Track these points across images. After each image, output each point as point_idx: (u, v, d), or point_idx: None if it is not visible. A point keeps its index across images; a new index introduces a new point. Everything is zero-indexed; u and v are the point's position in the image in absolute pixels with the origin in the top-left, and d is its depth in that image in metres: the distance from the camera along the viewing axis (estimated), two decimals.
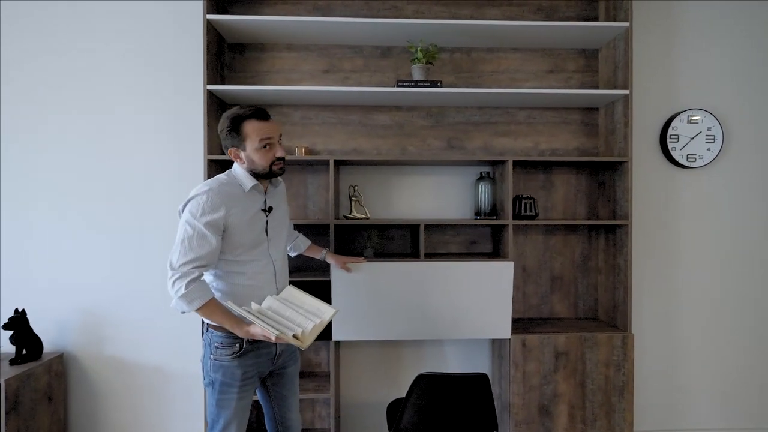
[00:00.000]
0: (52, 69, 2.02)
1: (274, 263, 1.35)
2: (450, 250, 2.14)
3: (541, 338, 1.86)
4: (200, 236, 1.20)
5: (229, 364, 1.27)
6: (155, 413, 2.08)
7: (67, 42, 2.02)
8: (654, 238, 2.17)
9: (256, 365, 1.32)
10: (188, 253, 1.19)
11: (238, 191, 1.28)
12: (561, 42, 2.06)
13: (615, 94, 1.91)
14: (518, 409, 1.86)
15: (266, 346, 1.32)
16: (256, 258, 1.30)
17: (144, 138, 2.05)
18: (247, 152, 1.27)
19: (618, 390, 1.88)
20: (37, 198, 2.03)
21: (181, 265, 1.18)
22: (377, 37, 1.99)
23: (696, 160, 2.14)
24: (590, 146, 2.14)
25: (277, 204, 1.40)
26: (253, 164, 1.29)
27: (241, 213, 1.26)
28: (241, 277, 1.29)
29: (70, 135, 2.04)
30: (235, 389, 1.28)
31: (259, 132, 1.26)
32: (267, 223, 1.34)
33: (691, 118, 2.13)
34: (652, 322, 2.18)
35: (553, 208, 2.15)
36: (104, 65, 2.03)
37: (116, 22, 2.03)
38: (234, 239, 1.26)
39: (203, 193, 1.23)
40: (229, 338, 1.28)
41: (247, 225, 1.28)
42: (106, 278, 2.05)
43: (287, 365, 1.43)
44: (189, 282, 1.17)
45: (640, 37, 2.13)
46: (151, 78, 2.04)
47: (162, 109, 2.05)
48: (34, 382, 1.87)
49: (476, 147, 2.12)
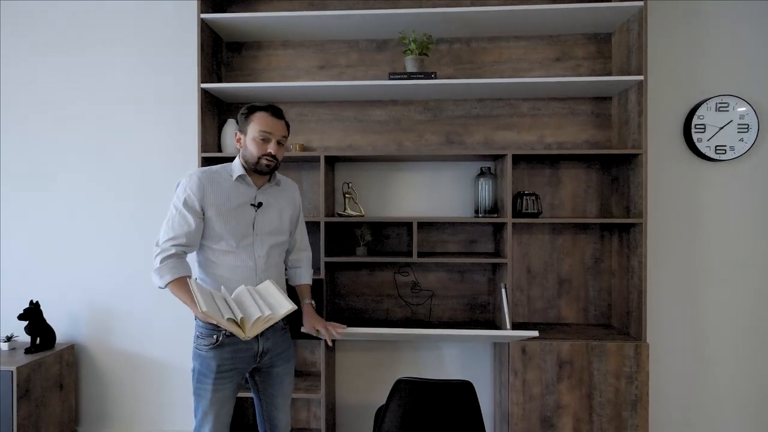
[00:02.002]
0: (52, 68, 2.12)
1: (257, 260, 1.33)
2: (449, 249, 2.05)
3: (542, 345, 1.74)
4: (180, 216, 1.27)
5: (205, 354, 1.30)
6: (159, 403, 2.13)
7: (65, 41, 2.11)
8: (676, 238, 1.97)
9: (233, 359, 1.31)
10: (169, 231, 1.27)
11: (225, 179, 1.33)
12: (569, 27, 1.92)
13: (628, 80, 1.75)
14: (518, 420, 1.75)
15: (246, 342, 1.30)
16: (235, 251, 1.31)
17: (145, 137, 2.11)
18: (246, 138, 1.32)
19: (630, 404, 1.72)
20: (50, 197, 2.15)
21: (162, 242, 1.27)
22: (373, 30, 1.94)
23: (726, 152, 1.92)
24: (602, 139, 1.98)
25: (274, 204, 1.39)
26: (246, 151, 1.32)
27: (222, 200, 1.29)
28: (218, 268, 1.32)
29: (77, 133, 2.13)
30: (210, 380, 1.29)
31: (263, 124, 1.30)
32: (255, 217, 1.34)
33: (720, 105, 1.91)
34: (671, 330, 1.98)
35: (561, 205, 2.00)
36: (103, 65, 2.11)
37: (114, 22, 2.10)
38: (215, 227, 1.29)
39: (193, 177, 1.30)
40: (208, 329, 1.30)
41: (228, 214, 1.30)
42: (113, 273, 2.13)
43: (275, 365, 1.40)
44: (165, 258, 1.24)
45: (659, 17, 1.94)
46: (150, 78, 2.10)
47: (161, 108, 2.10)
48: (46, 371, 1.97)
49: (476, 141, 2.02)
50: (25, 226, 2.16)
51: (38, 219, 2.15)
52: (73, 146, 2.14)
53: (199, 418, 1.32)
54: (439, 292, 2.04)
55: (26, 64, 2.13)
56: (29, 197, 2.15)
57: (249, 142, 1.31)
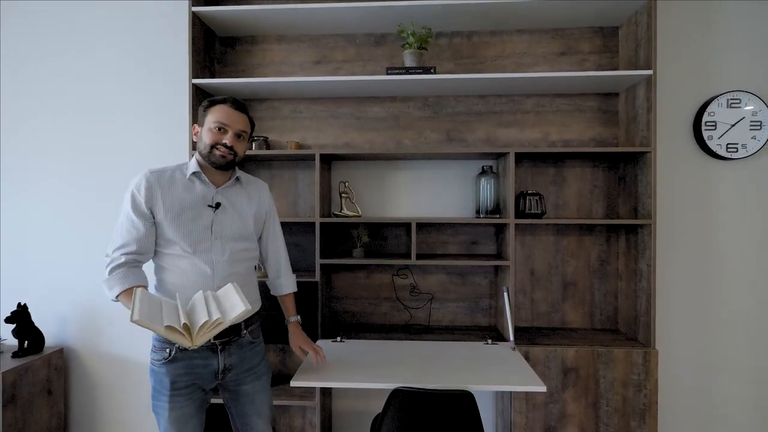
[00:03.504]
0: (44, 66, 2.06)
1: (215, 266, 1.20)
2: (449, 251, 1.98)
3: (546, 351, 1.66)
4: (128, 222, 1.18)
5: (158, 369, 1.20)
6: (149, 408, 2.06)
7: (52, 36, 2.05)
8: (685, 239, 1.89)
9: (189, 376, 1.19)
10: (118, 239, 1.17)
11: (178, 178, 1.22)
12: (574, 20, 1.84)
13: (636, 75, 1.67)
14: (521, 429, 1.68)
15: (203, 357, 1.20)
16: (190, 256, 1.18)
17: (136, 133, 2.05)
18: (202, 129, 1.23)
19: (639, 413, 1.64)
20: (37, 197, 2.09)
21: (112, 252, 1.17)
22: (370, 24, 1.88)
23: (738, 150, 1.84)
24: (608, 136, 1.91)
25: (236, 205, 1.26)
26: (200, 142, 1.22)
27: (172, 202, 1.18)
28: (168, 274, 1.20)
29: (63, 132, 2.07)
30: (165, 397, 1.18)
31: (220, 114, 1.21)
32: (213, 219, 1.21)
33: (731, 101, 1.84)
34: (681, 336, 1.90)
35: (565, 205, 1.93)
36: (95, 62, 2.05)
37: (106, 17, 2.04)
38: (166, 231, 1.18)
39: (141, 179, 1.20)
40: (161, 342, 1.20)
41: (180, 216, 1.18)
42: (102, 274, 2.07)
43: (243, 382, 1.27)
44: (113, 268, 1.14)
45: (669, 9, 1.87)
46: (141, 74, 2.04)
47: (152, 105, 2.04)
48: (33, 376, 1.91)
49: (478, 139, 1.95)
50: (11, 227, 2.10)
51: (25, 219, 2.09)
52: (59, 144, 2.07)
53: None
54: (439, 295, 1.97)
55: (11, 60, 2.08)
56: (16, 196, 2.09)
57: (204, 132, 1.21)
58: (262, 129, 2.01)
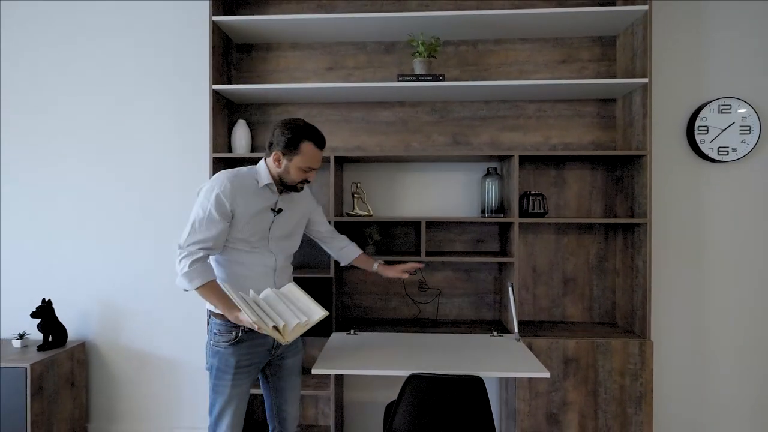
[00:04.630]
0: (62, 66, 2.14)
1: (276, 259, 1.38)
2: (455, 248, 2.08)
3: (549, 342, 1.77)
4: (209, 219, 1.27)
5: (224, 351, 1.33)
6: (168, 400, 2.16)
7: (76, 43, 2.14)
8: (679, 238, 2.00)
9: (251, 355, 1.35)
10: (196, 234, 1.26)
11: (252, 185, 1.35)
12: (574, 30, 1.95)
13: (633, 82, 1.78)
14: (524, 416, 1.78)
15: (261, 336, 1.34)
16: (256, 251, 1.35)
17: (155, 134, 2.14)
18: (290, 164, 1.35)
19: (635, 401, 1.75)
20: (60, 197, 2.17)
21: (188, 245, 1.26)
22: (381, 33, 1.97)
23: (728, 153, 1.95)
24: (606, 140, 2.01)
25: (292, 208, 1.43)
26: (286, 174, 1.36)
27: (248, 206, 1.32)
28: (240, 267, 1.35)
29: (87, 132, 2.16)
30: (229, 376, 1.32)
31: (311, 159, 1.35)
32: (273, 222, 1.38)
33: (722, 107, 1.95)
34: (675, 328, 2.01)
35: (566, 205, 2.04)
36: (114, 59, 2.13)
37: (126, 24, 2.13)
38: (238, 229, 1.31)
39: (225, 181, 1.30)
40: (226, 326, 1.33)
41: (251, 218, 1.33)
42: (123, 271, 2.16)
43: (285, 356, 1.44)
44: (193, 261, 1.24)
45: (663, 20, 1.98)
46: (161, 79, 2.13)
47: (172, 108, 2.13)
48: (58, 368, 1.99)
49: (483, 142, 2.05)
50: (36, 225, 2.18)
51: (49, 217, 2.18)
52: (83, 144, 2.16)
53: (215, 413, 1.34)
54: (446, 291, 2.07)
55: (34, 63, 2.16)
56: (40, 195, 2.18)
57: (293, 169, 1.34)
58: None
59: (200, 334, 2.13)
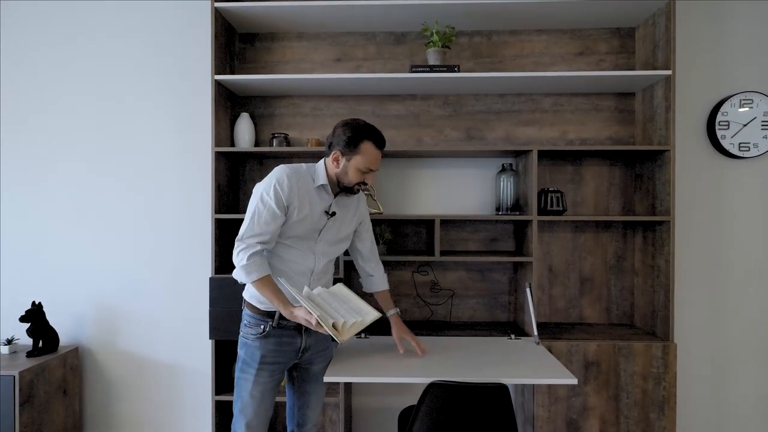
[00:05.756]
0: (55, 61, 2.03)
1: (316, 261, 1.34)
2: (468, 248, 2.00)
3: (569, 345, 1.70)
4: (270, 214, 1.25)
5: (251, 343, 1.32)
6: (166, 408, 2.06)
7: (71, 33, 2.02)
8: (698, 236, 1.94)
9: (277, 352, 1.32)
10: (255, 227, 1.25)
11: (310, 184, 1.32)
12: (592, 20, 1.88)
13: (655, 75, 1.71)
14: (543, 422, 1.70)
15: (290, 335, 1.33)
16: (299, 248, 1.32)
17: (153, 132, 2.04)
18: (349, 164, 1.30)
19: (657, 405, 1.68)
20: (53, 193, 2.06)
21: (247, 237, 1.25)
22: (391, 22, 1.89)
23: (750, 149, 1.90)
24: (625, 135, 1.95)
25: (344, 213, 1.39)
26: (344, 175, 1.31)
27: (303, 203, 1.29)
28: (278, 261, 1.32)
29: (82, 129, 2.05)
30: (253, 370, 1.30)
31: (371, 160, 1.30)
32: (325, 225, 1.34)
33: (744, 101, 1.89)
34: (696, 330, 1.95)
35: (583, 203, 1.97)
36: (113, 58, 2.03)
37: (125, 13, 2.02)
38: (288, 226, 1.29)
39: (283, 175, 1.27)
40: (256, 318, 1.32)
41: (305, 218, 1.29)
42: (119, 272, 2.05)
43: (314, 362, 1.41)
44: (252, 255, 1.23)
45: (683, 11, 1.92)
46: (161, 70, 2.02)
47: (170, 102, 2.03)
48: (49, 375, 1.88)
49: (497, 137, 1.97)
50: (25, 224, 2.06)
51: (40, 216, 2.06)
52: (76, 142, 2.05)
53: (238, 408, 1.32)
54: (459, 292, 1.99)
55: (27, 59, 2.04)
56: (30, 194, 2.06)
57: (351, 169, 1.30)
58: (283, 126, 2.01)
59: (202, 336, 2.03)
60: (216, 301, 1.72)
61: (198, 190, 2.01)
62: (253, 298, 1.33)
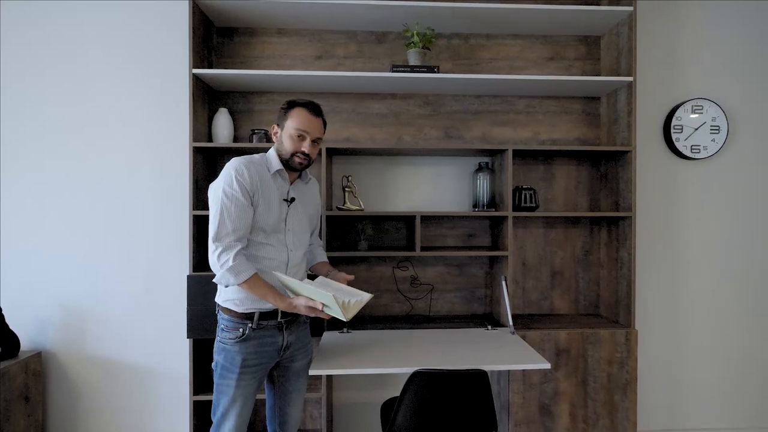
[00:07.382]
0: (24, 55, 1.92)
1: (289, 253, 1.31)
2: (447, 243, 2.06)
3: (542, 335, 1.79)
4: (238, 206, 1.20)
5: (230, 348, 1.27)
6: (139, 414, 1.98)
7: (47, 28, 1.92)
8: (657, 231, 2.10)
9: (258, 354, 1.29)
10: (228, 223, 1.19)
11: (265, 173, 1.28)
12: (562, 28, 1.99)
13: (618, 81, 1.84)
14: (518, 408, 1.79)
15: (271, 335, 1.30)
16: (271, 243, 1.28)
17: (127, 128, 1.96)
18: (282, 132, 1.29)
19: (621, 388, 1.81)
20: (12, 188, 1.94)
21: (223, 237, 1.19)
22: (372, 21, 1.91)
23: (700, 151, 2.07)
24: (591, 136, 2.08)
25: (303, 200, 1.37)
26: (281, 145, 1.29)
27: (263, 192, 1.26)
28: (254, 260, 1.27)
29: (48, 124, 1.94)
30: (234, 375, 1.26)
31: (301, 121, 1.27)
32: (288, 213, 1.31)
33: (695, 107, 2.06)
34: (656, 317, 2.11)
35: (554, 200, 2.08)
36: (86, 51, 1.94)
37: (99, 5, 1.94)
38: (257, 218, 1.25)
39: (240, 166, 1.23)
40: (234, 322, 1.27)
41: (267, 207, 1.26)
42: (88, 273, 1.96)
43: (295, 359, 1.38)
44: (236, 254, 1.18)
45: (643, 24, 2.07)
46: (137, 65, 1.95)
47: (148, 96, 1.96)
48: (9, 382, 1.77)
49: (475, 137, 2.05)
50: None
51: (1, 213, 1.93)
52: (44, 135, 1.93)
53: (218, 415, 1.28)
54: (438, 286, 2.05)
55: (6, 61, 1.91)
56: None
57: (285, 137, 1.28)
58: (263, 122, 1.99)
59: (178, 338, 1.97)
60: (194, 300, 1.69)
61: (174, 186, 1.96)
62: (228, 301, 1.27)
